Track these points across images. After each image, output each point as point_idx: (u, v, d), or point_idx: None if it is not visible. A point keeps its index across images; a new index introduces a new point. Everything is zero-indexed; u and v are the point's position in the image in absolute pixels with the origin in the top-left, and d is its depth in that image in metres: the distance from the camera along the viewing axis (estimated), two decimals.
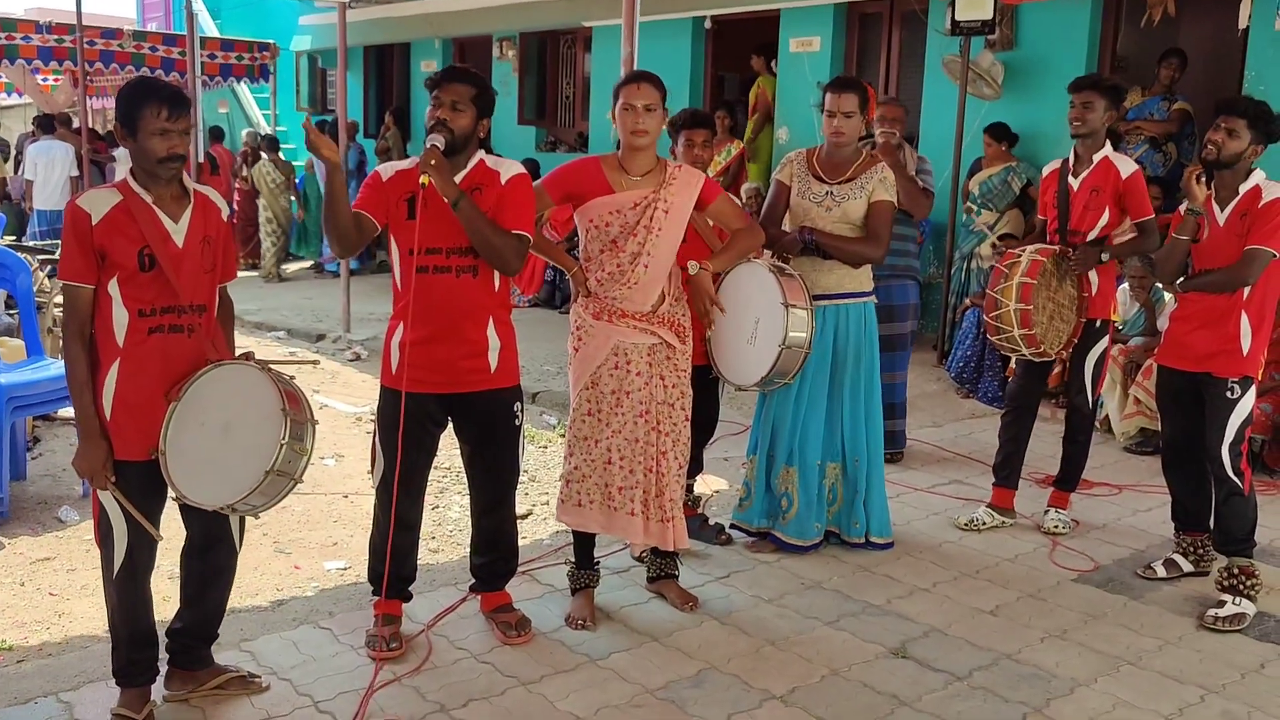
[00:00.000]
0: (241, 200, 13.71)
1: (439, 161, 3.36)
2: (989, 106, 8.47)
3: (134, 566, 3.13)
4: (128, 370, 3.05)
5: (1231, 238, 4.04)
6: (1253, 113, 3.99)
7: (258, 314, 10.33)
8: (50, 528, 4.90)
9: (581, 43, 12.55)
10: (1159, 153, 7.84)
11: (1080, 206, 4.63)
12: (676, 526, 3.84)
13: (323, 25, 15.13)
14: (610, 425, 3.79)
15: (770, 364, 4.06)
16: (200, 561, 3.29)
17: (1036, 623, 3.97)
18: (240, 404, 3.09)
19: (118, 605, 3.17)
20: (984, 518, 4.91)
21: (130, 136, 3.03)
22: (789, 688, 3.47)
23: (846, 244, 4.34)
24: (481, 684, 3.46)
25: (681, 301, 3.87)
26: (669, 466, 3.81)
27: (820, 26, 9.73)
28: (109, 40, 13.66)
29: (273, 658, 3.60)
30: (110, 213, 3.01)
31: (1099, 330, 4.72)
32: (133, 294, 3.04)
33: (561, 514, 3.91)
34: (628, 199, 3.72)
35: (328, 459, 6.00)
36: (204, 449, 3.06)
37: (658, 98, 3.71)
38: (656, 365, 3.79)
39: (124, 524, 3.10)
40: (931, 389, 7.49)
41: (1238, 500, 4.08)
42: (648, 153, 3.76)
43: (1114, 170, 4.60)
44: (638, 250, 3.70)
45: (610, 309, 3.75)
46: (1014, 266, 4.55)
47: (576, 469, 3.84)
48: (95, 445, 3.05)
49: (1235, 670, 3.65)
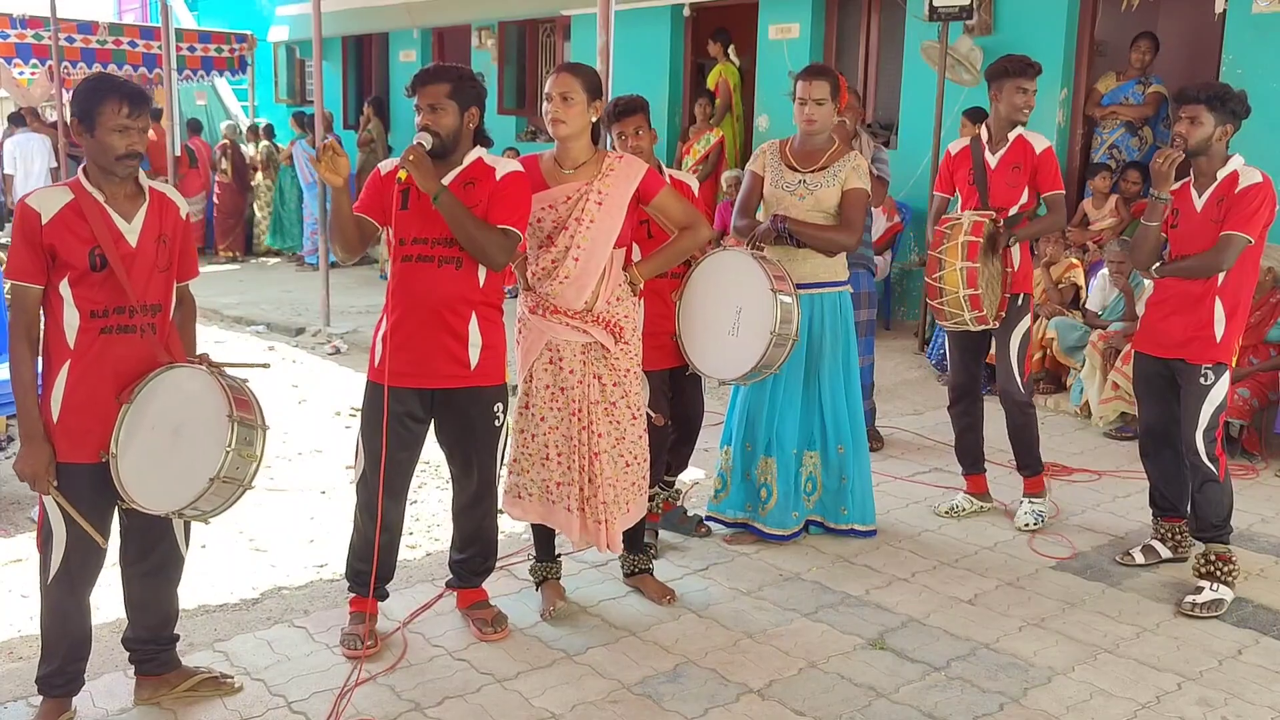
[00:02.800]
0: (222, 192, 13.68)
1: (418, 157, 3.34)
2: (968, 92, 8.44)
3: (70, 572, 3.08)
4: (78, 371, 3.01)
5: (1208, 223, 4.03)
6: (1207, 96, 3.97)
7: (237, 307, 10.24)
8: (23, 528, 4.85)
9: (561, 31, 12.48)
10: (1135, 137, 7.86)
11: (1001, 184, 4.65)
12: (609, 530, 3.78)
13: (300, 15, 14.99)
14: (547, 421, 3.76)
15: (760, 354, 4.00)
16: (140, 568, 3.23)
17: (1015, 611, 3.97)
18: (190, 408, 3.04)
19: (51, 611, 3.12)
20: (963, 504, 4.92)
21: (88, 133, 2.97)
22: (766, 681, 3.46)
23: (819, 231, 4.32)
24: (457, 681, 3.44)
25: (625, 302, 3.76)
26: (601, 468, 3.74)
27: (799, 13, 9.68)
28: (87, 36, 13.54)
29: (246, 658, 3.58)
30: (60, 212, 2.97)
31: (1021, 307, 4.70)
32: (84, 294, 2.99)
33: (504, 504, 3.90)
34: (560, 193, 3.66)
35: (305, 455, 5.97)
36: (154, 453, 3.02)
37: (575, 85, 3.60)
38: (591, 364, 3.73)
39: (64, 528, 3.05)
40: (912, 376, 7.49)
41: (1213, 486, 4.08)
42: (577, 144, 3.67)
43: (1029, 146, 4.63)
44: (568, 244, 3.63)
45: (544, 304, 3.71)
46: (955, 228, 4.53)
47: (516, 461, 3.83)
48: (38, 448, 3.00)
49: (1213, 657, 3.66)
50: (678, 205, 3.83)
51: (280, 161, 13.49)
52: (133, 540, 3.20)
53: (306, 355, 8.63)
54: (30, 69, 13.64)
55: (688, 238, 3.83)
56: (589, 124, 3.67)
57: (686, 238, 3.83)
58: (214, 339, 9.00)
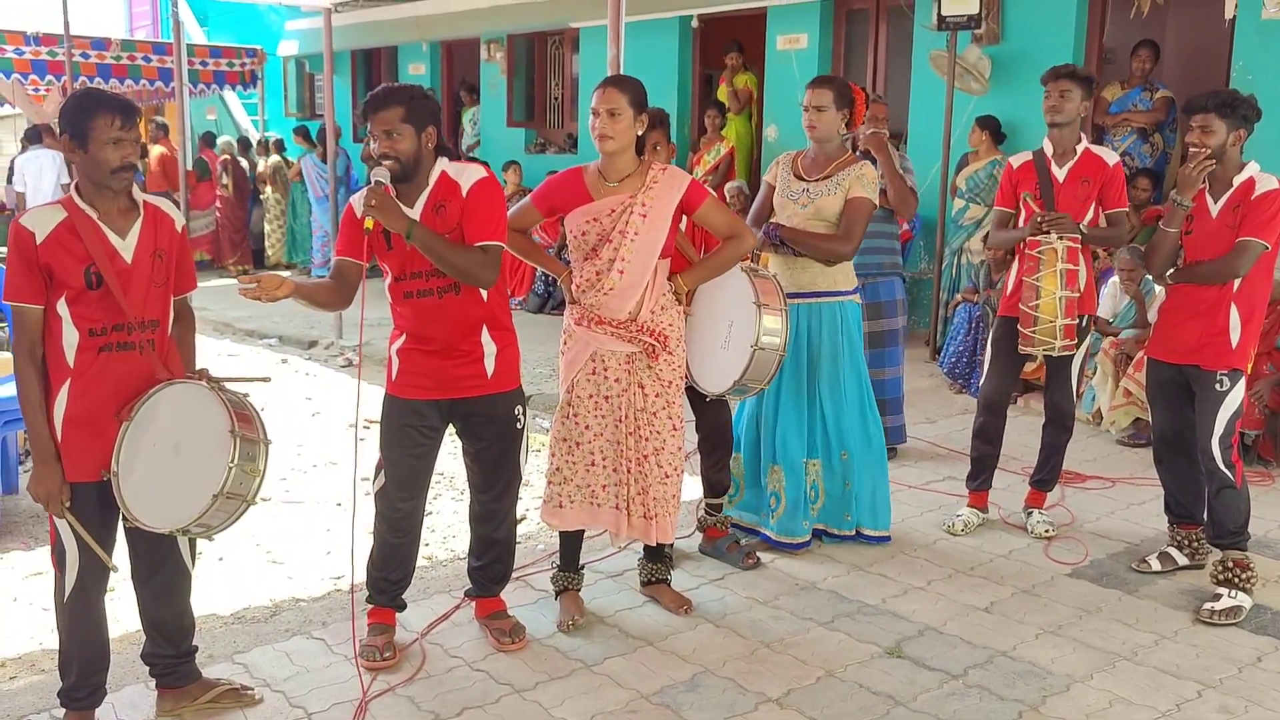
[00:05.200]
0: (225, 206, 13.77)
1: (380, 201, 3.26)
2: (977, 101, 8.46)
3: (85, 588, 3.09)
4: (78, 390, 3.00)
5: (1224, 230, 4.03)
6: (1216, 103, 3.97)
7: (249, 321, 10.28)
8: (42, 540, 4.87)
9: (569, 44, 12.54)
10: (1146, 143, 7.85)
11: (1070, 197, 4.57)
12: (660, 523, 3.82)
13: (309, 30, 15.10)
14: (591, 429, 3.79)
15: (742, 368, 3.92)
16: (151, 585, 3.24)
17: (1031, 619, 3.96)
18: (190, 424, 3.02)
19: (70, 628, 3.12)
20: (971, 519, 4.87)
21: (80, 149, 2.95)
22: (784, 690, 3.46)
23: (812, 239, 4.33)
24: (476, 692, 3.45)
25: (669, 310, 3.79)
26: (650, 469, 3.78)
27: (807, 23, 9.72)
28: (100, 52, 13.66)
29: (265, 669, 3.59)
30: (55, 230, 2.94)
31: (1085, 328, 4.68)
32: (82, 313, 2.98)
33: (543, 515, 3.92)
34: (605, 205, 3.69)
35: (320, 467, 5.99)
36: (155, 471, 3.01)
37: (622, 100, 3.62)
38: (635, 373, 3.76)
39: (75, 547, 3.04)
40: (924, 385, 7.49)
41: (1230, 493, 4.08)
42: (621, 157, 3.69)
43: (1099, 160, 4.58)
44: (613, 256, 3.66)
45: (589, 315, 3.73)
46: (1049, 253, 4.43)
47: (558, 470, 3.85)
48: (50, 469, 2.99)
49: (1232, 664, 3.65)
50: (721, 215, 3.85)
51: (290, 176, 13.56)
52: (140, 560, 3.21)
53: (320, 368, 8.66)
54: (45, 85, 13.73)
55: (732, 247, 3.85)
56: (635, 138, 3.69)
57: (731, 247, 3.85)
58: (227, 352, 9.04)
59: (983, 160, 8.06)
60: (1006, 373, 4.82)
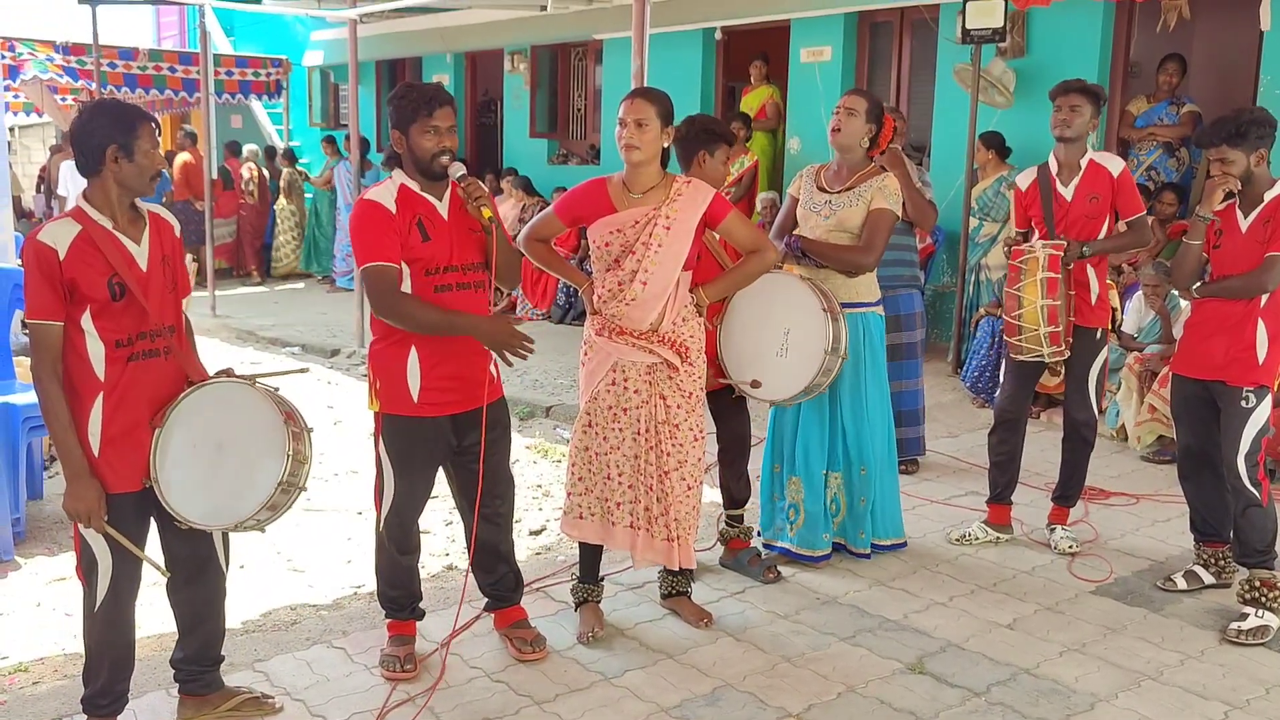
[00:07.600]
0: (248, 214, 13.91)
1: (481, 190, 3.43)
2: (1001, 114, 8.43)
3: (118, 598, 3.10)
4: (113, 402, 3.00)
5: (1254, 244, 4.00)
6: (1224, 135, 3.95)
7: (272, 329, 10.34)
8: (67, 547, 4.89)
9: (593, 55, 12.58)
10: (1172, 158, 7.80)
11: (1081, 217, 4.53)
12: (682, 546, 3.79)
13: (335, 40, 15.21)
14: (609, 440, 3.78)
15: (812, 374, 4.09)
16: (189, 591, 3.26)
17: (1055, 636, 3.93)
18: (232, 421, 3.06)
19: (101, 637, 3.13)
20: (977, 533, 4.84)
21: (127, 159, 2.96)
22: (805, 705, 3.44)
23: (833, 250, 4.33)
24: (495, 704, 3.44)
25: (690, 322, 3.79)
26: (672, 486, 3.75)
27: (831, 36, 9.71)
28: (128, 62, 13.82)
29: (286, 678, 3.60)
30: (74, 244, 2.94)
31: (1099, 341, 4.64)
32: (107, 325, 2.98)
33: (563, 525, 3.93)
34: (629, 217, 3.69)
35: (341, 475, 6.00)
36: (200, 471, 3.03)
37: (650, 111, 3.62)
38: (656, 384, 3.75)
39: (109, 556, 3.05)
40: (947, 399, 7.45)
41: (1256, 511, 4.03)
42: (647, 169, 3.69)
43: (1104, 171, 4.54)
44: (635, 267, 3.66)
45: (611, 326, 3.73)
46: (1031, 262, 4.47)
47: (580, 480, 3.85)
48: (87, 485, 2.97)
49: (1259, 685, 3.61)
50: (744, 229, 3.86)
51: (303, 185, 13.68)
52: (180, 566, 3.22)
53: (342, 376, 8.69)
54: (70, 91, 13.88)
55: (755, 261, 3.85)
56: (661, 149, 3.70)
57: (754, 261, 3.85)
58: (250, 360, 9.09)
59: (989, 178, 8.05)
60: (1021, 386, 4.80)
